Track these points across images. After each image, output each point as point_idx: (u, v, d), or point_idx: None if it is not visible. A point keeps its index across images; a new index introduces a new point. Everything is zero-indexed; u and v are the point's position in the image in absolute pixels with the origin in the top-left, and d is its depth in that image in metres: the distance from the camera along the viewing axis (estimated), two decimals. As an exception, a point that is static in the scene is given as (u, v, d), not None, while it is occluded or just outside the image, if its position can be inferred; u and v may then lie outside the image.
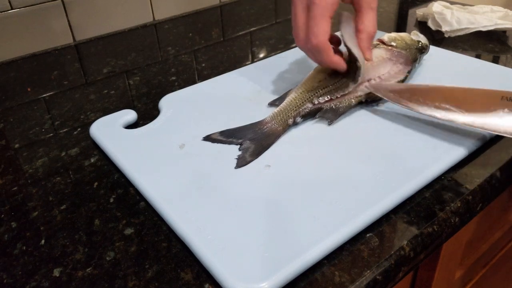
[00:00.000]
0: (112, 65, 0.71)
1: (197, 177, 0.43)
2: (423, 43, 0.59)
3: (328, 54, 0.48)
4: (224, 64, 0.69)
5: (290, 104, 0.50)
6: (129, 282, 0.34)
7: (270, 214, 0.38)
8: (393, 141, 0.46)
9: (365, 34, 0.49)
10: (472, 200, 0.41)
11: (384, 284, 0.35)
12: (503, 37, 0.71)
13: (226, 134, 0.48)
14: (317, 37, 0.46)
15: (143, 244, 0.38)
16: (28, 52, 0.76)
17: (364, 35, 0.49)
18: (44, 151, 0.51)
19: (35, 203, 0.43)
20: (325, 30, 0.46)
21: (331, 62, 0.49)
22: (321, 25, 0.46)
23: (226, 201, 0.39)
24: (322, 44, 0.47)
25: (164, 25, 0.86)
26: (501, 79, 0.56)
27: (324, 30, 0.46)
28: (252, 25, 0.84)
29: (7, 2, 0.71)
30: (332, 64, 0.49)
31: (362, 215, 0.37)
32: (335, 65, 0.49)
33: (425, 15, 0.78)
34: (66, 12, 0.77)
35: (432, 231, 0.38)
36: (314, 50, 0.48)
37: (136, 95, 0.61)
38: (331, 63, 0.49)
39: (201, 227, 0.37)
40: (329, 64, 0.49)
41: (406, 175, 0.41)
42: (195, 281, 0.34)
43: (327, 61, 0.49)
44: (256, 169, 0.43)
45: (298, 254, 0.34)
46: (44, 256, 0.37)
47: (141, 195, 0.43)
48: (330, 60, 0.48)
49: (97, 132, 0.51)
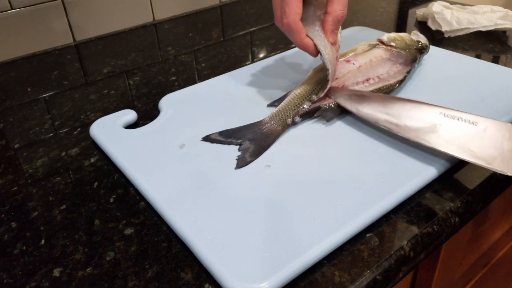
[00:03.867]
0: (112, 65, 0.71)
1: (197, 177, 0.43)
2: (423, 43, 0.59)
3: (299, 35, 0.47)
4: (224, 64, 0.69)
5: (289, 104, 0.50)
6: (129, 282, 0.34)
7: (270, 214, 0.38)
8: (393, 141, 0.46)
9: (332, 17, 0.48)
10: (472, 200, 0.41)
11: (384, 284, 0.35)
12: (503, 37, 0.71)
13: (225, 135, 0.48)
14: (288, 16, 0.46)
15: (143, 244, 0.38)
16: (28, 52, 0.76)
17: (330, 17, 0.48)
18: (44, 151, 0.51)
19: (35, 203, 0.43)
20: (295, 11, 0.46)
21: (301, 44, 0.48)
22: (291, 5, 0.46)
23: (226, 201, 0.39)
24: (292, 23, 0.46)
25: (164, 25, 0.86)
26: (501, 79, 0.56)
27: (294, 11, 0.46)
28: (252, 25, 0.84)
29: (7, 2, 0.71)
30: (302, 47, 0.49)
31: (362, 215, 0.37)
32: (304, 48, 0.49)
33: (425, 15, 0.78)
34: (66, 12, 0.77)
35: (432, 231, 0.38)
36: (285, 30, 0.48)
37: (136, 95, 0.61)
38: (301, 46, 0.48)
39: (201, 227, 0.37)
40: (300, 46, 0.49)
41: (406, 175, 0.41)
42: (195, 281, 0.34)
43: (298, 42, 0.48)
44: (256, 169, 0.43)
45: (298, 254, 0.34)
46: (44, 256, 0.37)
47: (141, 195, 0.43)
48: (300, 42, 0.48)
49: (97, 132, 0.51)
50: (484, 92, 0.53)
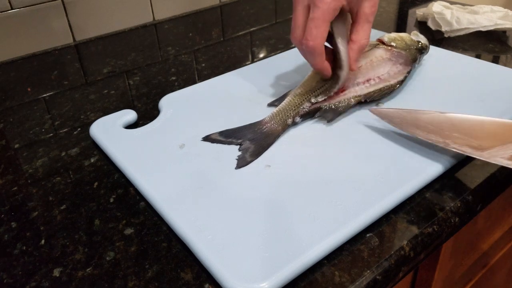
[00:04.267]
0: (112, 65, 0.71)
1: (197, 177, 0.43)
2: (423, 43, 0.59)
3: (321, 58, 0.48)
4: (224, 64, 0.69)
5: (289, 104, 0.50)
6: (129, 282, 0.34)
7: (270, 214, 0.38)
8: (393, 141, 0.46)
9: (357, 45, 0.50)
10: (472, 200, 0.41)
11: (384, 284, 0.35)
12: (503, 37, 0.71)
13: (225, 134, 0.48)
14: (315, 39, 0.46)
15: (143, 244, 0.38)
16: (28, 52, 0.76)
17: (356, 45, 0.50)
18: (44, 151, 0.51)
19: (35, 203, 0.43)
20: (322, 34, 0.47)
21: (321, 66, 0.49)
22: (320, 28, 0.46)
23: (226, 201, 0.39)
24: (318, 47, 0.47)
25: (164, 25, 0.86)
26: (501, 79, 0.56)
27: (322, 34, 0.46)
28: (252, 25, 0.84)
29: (7, 2, 0.71)
30: (321, 69, 0.50)
31: (362, 215, 0.37)
32: (323, 70, 0.50)
33: (425, 15, 0.78)
34: (66, 12, 0.77)
35: (432, 231, 0.38)
36: (308, 51, 0.48)
37: (136, 95, 0.61)
38: (321, 68, 0.49)
39: (201, 227, 0.37)
40: (318, 68, 0.49)
41: (406, 175, 0.41)
42: (195, 281, 0.34)
43: (318, 64, 0.49)
44: (256, 169, 0.43)
45: (298, 254, 0.34)
46: (44, 256, 0.37)
47: (141, 195, 0.43)
48: (321, 64, 0.49)
49: (97, 132, 0.51)
50: (484, 92, 0.53)
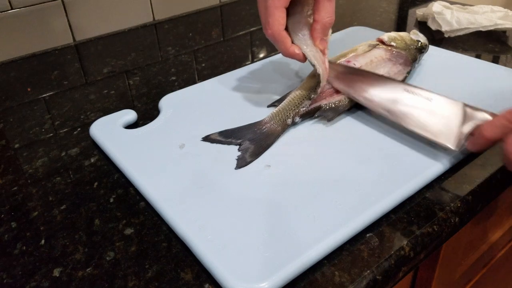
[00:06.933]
0: (112, 65, 0.71)
1: (197, 177, 0.43)
2: (422, 43, 0.59)
3: (284, 44, 0.48)
4: (224, 64, 0.69)
5: (289, 104, 0.50)
6: (129, 282, 0.34)
7: (270, 214, 0.38)
8: (393, 141, 0.46)
9: (320, 24, 0.48)
10: (472, 200, 0.41)
11: (384, 284, 0.35)
12: (503, 37, 0.71)
13: (225, 135, 0.48)
14: (272, 27, 0.46)
15: (143, 244, 0.38)
16: (28, 52, 0.76)
17: (318, 25, 0.48)
18: (44, 151, 0.51)
19: (35, 203, 0.43)
20: (278, 21, 0.46)
21: (287, 53, 0.48)
22: (274, 15, 0.46)
23: (226, 201, 0.39)
24: (276, 34, 0.47)
25: (164, 25, 0.86)
26: (501, 79, 0.56)
27: (278, 21, 0.46)
28: (252, 25, 0.84)
29: (7, 2, 0.71)
30: (289, 55, 0.49)
31: (362, 215, 0.37)
32: (292, 56, 0.49)
33: (425, 15, 0.78)
34: (66, 12, 0.77)
35: (432, 231, 0.38)
36: (272, 40, 0.48)
37: (136, 95, 0.61)
38: (288, 54, 0.49)
39: (201, 227, 0.37)
40: (286, 55, 0.49)
41: (406, 175, 0.41)
42: (195, 281, 0.34)
43: (284, 51, 0.48)
44: (256, 169, 0.43)
45: (298, 254, 0.34)
46: (44, 256, 0.37)
47: (141, 195, 0.43)
48: (286, 51, 0.48)
49: (97, 132, 0.51)
50: (484, 92, 0.53)
